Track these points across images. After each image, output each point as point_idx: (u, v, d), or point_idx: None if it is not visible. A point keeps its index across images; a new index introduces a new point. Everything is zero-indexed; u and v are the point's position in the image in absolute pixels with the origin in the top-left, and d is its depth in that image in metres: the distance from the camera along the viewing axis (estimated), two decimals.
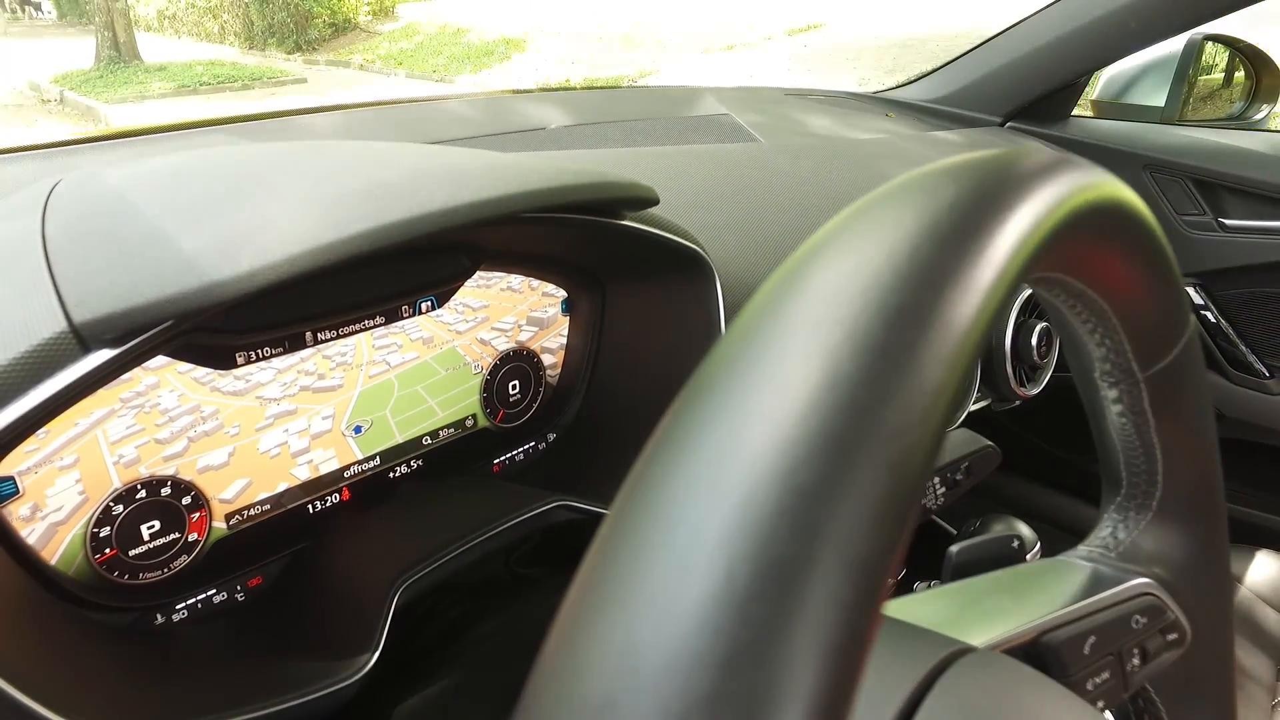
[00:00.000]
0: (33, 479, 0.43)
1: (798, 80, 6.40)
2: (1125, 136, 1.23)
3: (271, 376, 0.51)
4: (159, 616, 0.50)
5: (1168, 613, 0.36)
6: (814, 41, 7.63)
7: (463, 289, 0.60)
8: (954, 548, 0.43)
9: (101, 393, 0.44)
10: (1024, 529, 0.63)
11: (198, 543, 0.51)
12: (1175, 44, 1.21)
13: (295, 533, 0.56)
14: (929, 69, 1.38)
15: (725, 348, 0.16)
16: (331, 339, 0.53)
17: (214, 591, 0.52)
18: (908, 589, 0.80)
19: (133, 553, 0.48)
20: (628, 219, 0.56)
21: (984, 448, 0.61)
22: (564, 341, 0.69)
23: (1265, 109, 1.25)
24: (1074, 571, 0.37)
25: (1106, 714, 0.36)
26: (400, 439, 0.60)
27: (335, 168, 0.47)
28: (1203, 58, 1.25)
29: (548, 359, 0.68)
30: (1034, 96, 1.25)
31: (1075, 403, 0.35)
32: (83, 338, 0.36)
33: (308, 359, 0.53)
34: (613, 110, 1.03)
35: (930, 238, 0.17)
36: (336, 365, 0.54)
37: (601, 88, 1.35)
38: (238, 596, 0.53)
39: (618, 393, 0.69)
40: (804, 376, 0.15)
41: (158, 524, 0.49)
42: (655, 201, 0.56)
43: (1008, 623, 0.34)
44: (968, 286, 0.16)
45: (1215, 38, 1.24)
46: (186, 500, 0.50)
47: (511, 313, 0.64)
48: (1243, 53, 1.28)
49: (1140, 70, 1.25)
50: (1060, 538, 0.41)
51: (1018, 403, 0.95)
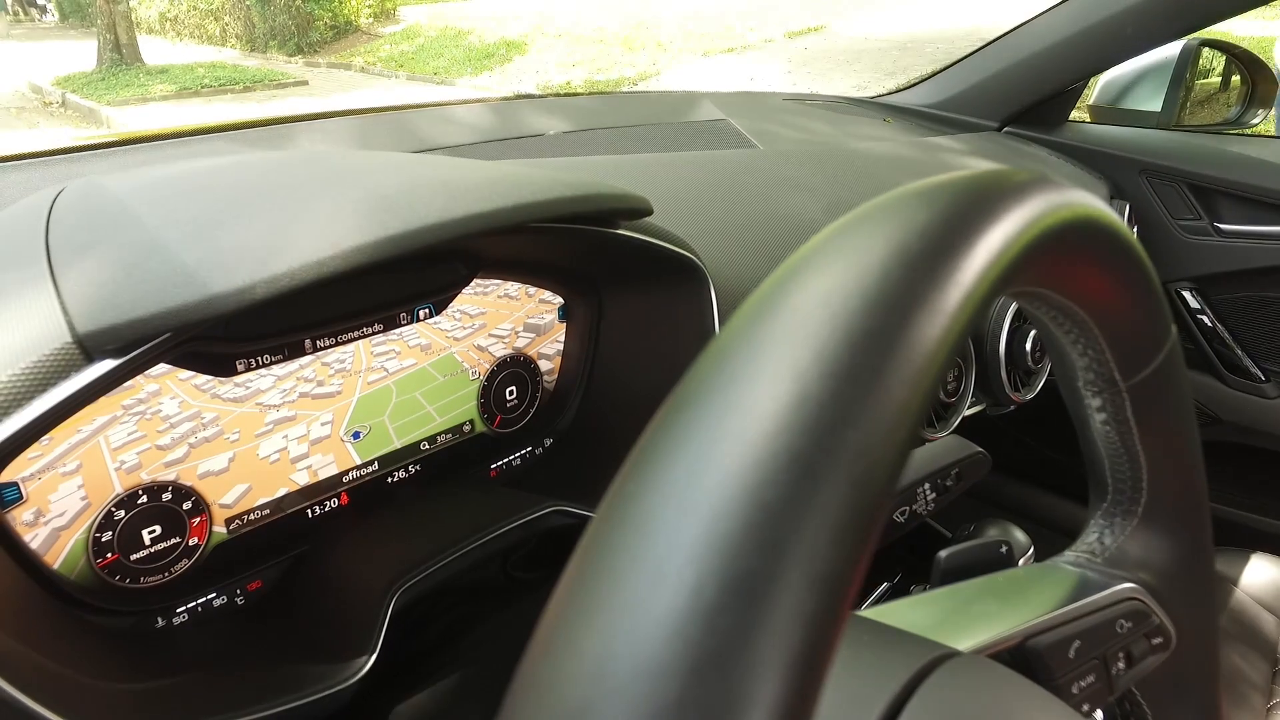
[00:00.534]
0: (36, 485, 0.44)
1: (798, 82, 6.40)
2: (1122, 141, 1.23)
3: (271, 383, 0.52)
4: (159, 620, 0.51)
5: (1153, 617, 0.37)
6: (814, 44, 7.64)
7: (460, 296, 0.60)
8: (942, 553, 0.43)
9: (104, 400, 0.45)
10: (1017, 533, 0.63)
11: (198, 547, 0.52)
12: (1171, 49, 1.21)
13: (294, 537, 0.57)
14: (929, 72, 1.39)
15: (701, 368, 0.17)
16: (330, 346, 0.54)
17: (214, 595, 0.53)
18: (904, 591, 0.80)
19: (134, 557, 0.49)
20: (623, 228, 0.57)
21: (974, 453, 0.61)
22: (561, 347, 0.69)
23: (1261, 114, 1.25)
24: (1060, 576, 0.38)
25: (1098, 713, 0.36)
26: (398, 444, 0.61)
27: (332, 179, 0.48)
28: (1199, 63, 1.25)
29: (545, 365, 0.69)
30: (1031, 102, 1.25)
31: None
32: (86, 348, 0.37)
33: (307, 366, 0.53)
34: (611, 116, 1.03)
35: (899, 262, 0.18)
36: (335, 372, 0.55)
37: (601, 93, 1.35)
38: (237, 600, 0.54)
39: (614, 398, 0.69)
40: (773, 397, 0.15)
41: (159, 529, 0.50)
42: (649, 211, 0.57)
43: (993, 627, 0.34)
44: (934, 310, 0.17)
45: (1211, 43, 1.25)
46: (187, 505, 0.51)
47: (509, 319, 0.65)
48: (1238, 58, 1.28)
49: (1137, 75, 1.26)
50: (1057, 539, 0.42)
51: (1012, 407, 0.95)
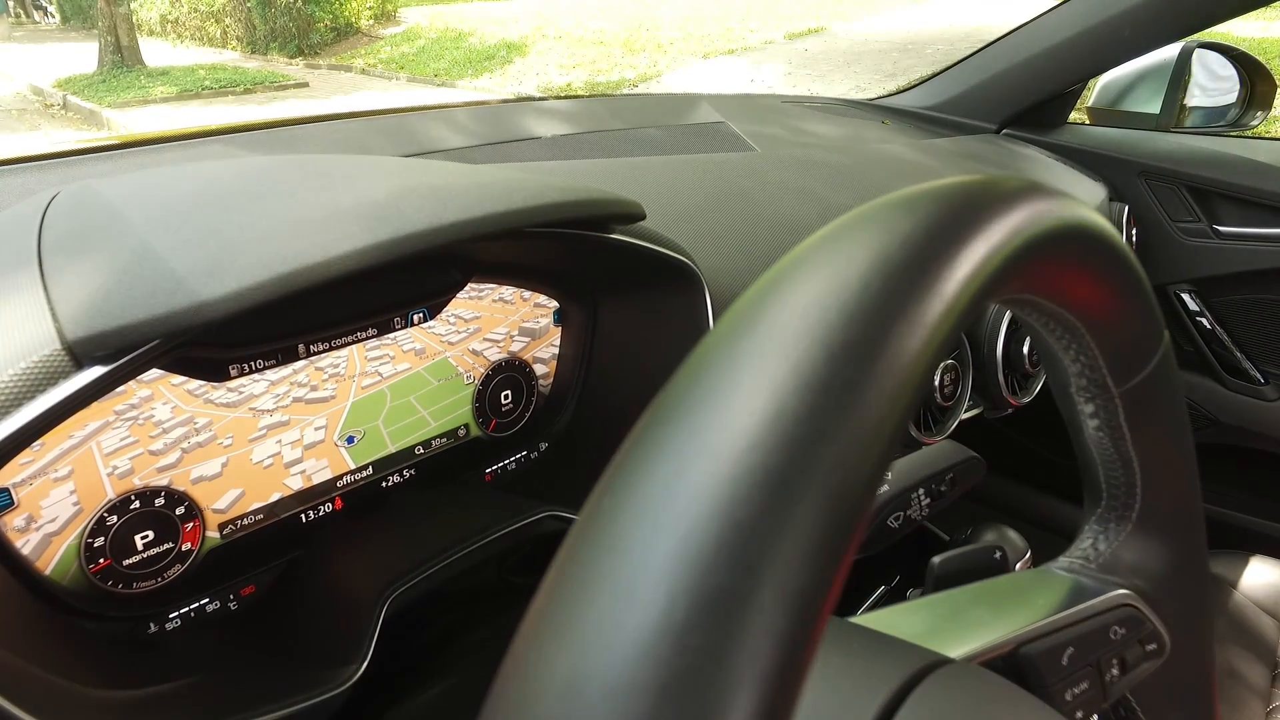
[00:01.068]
0: (28, 490, 0.44)
1: (798, 84, 6.40)
2: (1120, 143, 1.23)
3: (264, 388, 0.52)
4: (152, 625, 0.51)
5: (1147, 624, 0.37)
6: (814, 45, 7.64)
7: (455, 300, 0.60)
8: (936, 559, 0.43)
9: (96, 405, 0.45)
10: (1014, 537, 0.63)
11: (191, 552, 0.52)
12: (1170, 51, 1.21)
13: (288, 542, 0.56)
14: (928, 74, 1.38)
15: (678, 383, 0.17)
16: (324, 351, 0.54)
17: (207, 600, 0.53)
18: (900, 595, 0.80)
19: (126, 562, 0.49)
20: (616, 232, 0.56)
21: (969, 458, 0.61)
22: (556, 351, 0.69)
23: (1259, 116, 1.25)
24: (1054, 582, 0.38)
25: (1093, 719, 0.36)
26: (393, 449, 0.61)
27: (324, 185, 0.48)
28: (1197, 65, 1.25)
29: (540, 369, 0.69)
30: (1030, 103, 1.25)
31: None
32: (75, 355, 0.37)
33: (300, 370, 0.53)
34: (609, 118, 1.03)
35: (879, 273, 0.17)
36: (329, 377, 0.55)
37: (600, 95, 1.34)
38: (230, 605, 0.54)
39: (609, 402, 0.69)
40: (749, 412, 0.15)
41: (151, 534, 0.49)
42: (641, 216, 0.57)
43: (986, 634, 0.34)
44: (914, 322, 0.17)
45: (1210, 45, 1.25)
46: (180, 510, 0.50)
47: (503, 323, 0.64)
48: (1237, 60, 1.28)
49: (1135, 77, 1.26)
50: (1055, 542, 0.42)
51: (1009, 411, 0.95)
